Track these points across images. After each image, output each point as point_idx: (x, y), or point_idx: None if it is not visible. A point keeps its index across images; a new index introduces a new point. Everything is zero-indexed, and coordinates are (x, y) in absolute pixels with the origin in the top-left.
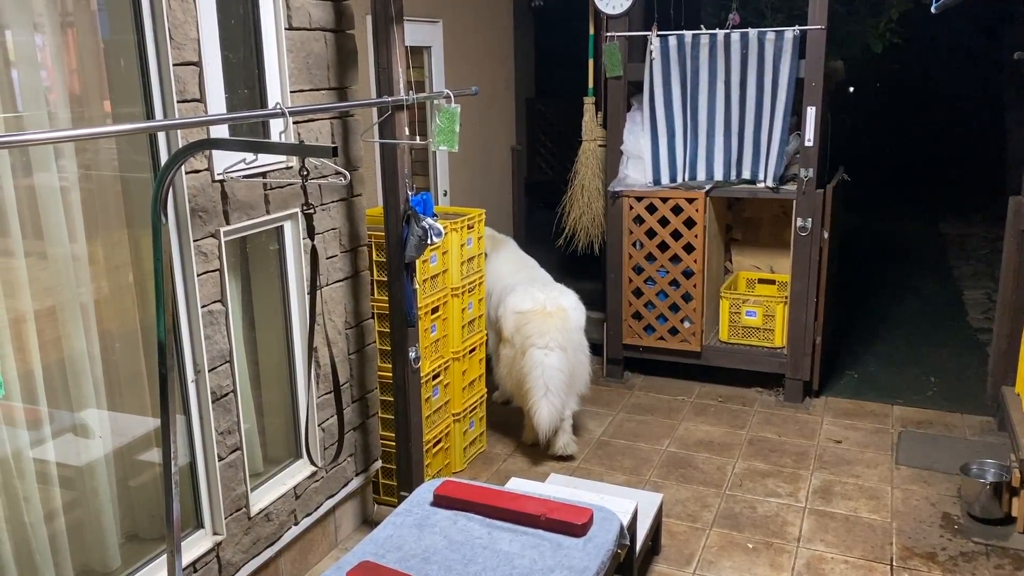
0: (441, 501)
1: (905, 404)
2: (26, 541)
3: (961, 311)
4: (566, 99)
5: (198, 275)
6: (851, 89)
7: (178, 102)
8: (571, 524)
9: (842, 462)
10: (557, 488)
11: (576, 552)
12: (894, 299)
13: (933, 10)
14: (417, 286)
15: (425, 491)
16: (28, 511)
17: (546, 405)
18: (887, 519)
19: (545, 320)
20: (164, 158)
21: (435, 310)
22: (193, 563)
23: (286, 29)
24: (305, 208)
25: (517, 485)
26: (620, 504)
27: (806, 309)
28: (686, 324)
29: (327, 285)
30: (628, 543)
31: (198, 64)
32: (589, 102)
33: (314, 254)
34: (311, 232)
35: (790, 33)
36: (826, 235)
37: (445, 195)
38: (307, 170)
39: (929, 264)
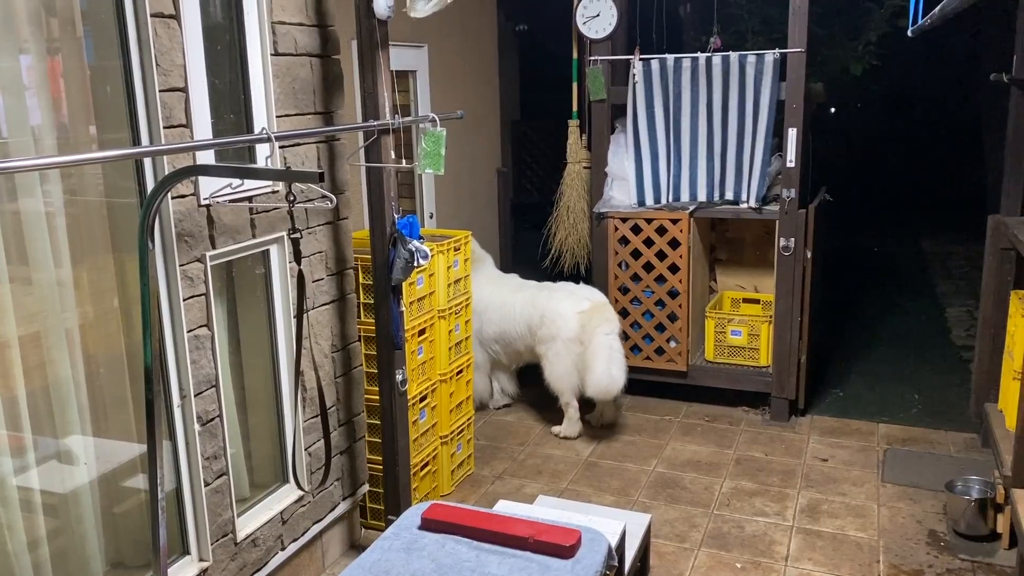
0: (429, 524)
1: (890, 422)
2: (10, 570)
3: (944, 328)
4: (551, 121)
5: (184, 299)
6: (832, 110)
7: (164, 128)
8: (559, 546)
9: (829, 480)
10: (545, 510)
11: (565, 574)
12: (878, 317)
13: (909, 33)
14: (404, 308)
15: (413, 514)
16: (11, 539)
17: (616, 371)
18: (874, 537)
19: (603, 312)
20: (150, 183)
21: (422, 332)
22: None
23: (272, 55)
24: (291, 233)
25: (505, 508)
26: (608, 525)
27: (791, 328)
28: (672, 344)
29: (313, 308)
30: (616, 564)
31: (184, 90)
32: (574, 125)
33: (300, 278)
34: (298, 257)
35: (770, 56)
36: (809, 254)
37: (431, 217)
38: (293, 195)
39: (912, 282)
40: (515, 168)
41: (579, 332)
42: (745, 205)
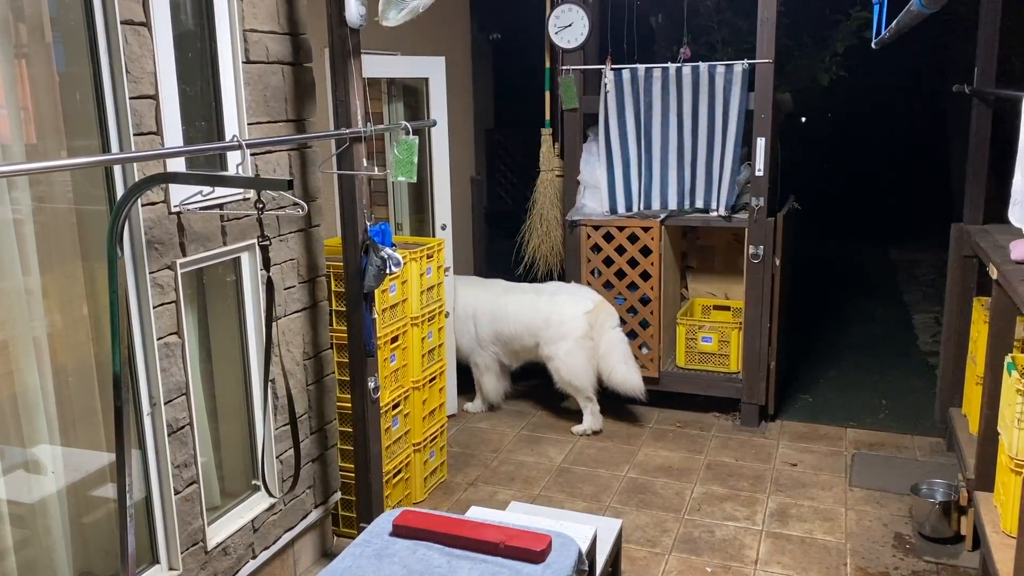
0: (400, 531)
1: (858, 427)
2: None
3: (911, 335)
4: (525, 130)
5: (154, 307)
6: (803, 119)
7: (135, 135)
8: (530, 551)
9: (798, 485)
10: (517, 516)
11: None
12: (846, 324)
13: (873, 45)
14: (376, 316)
15: (384, 521)
16: None
17: (634, 368)
18: (842, 540)
19: (606, 308)
20: (120, 191)
21: (394, 339)
22: None
23: (244, 62)
24: (260, 240)
25: (477, 514)
26: (579, 531)
27: (760, 335)
28: (644, 350)
29: (285, 316)
30: (587, 569)
31: (155, 97)
32: (547, 133)
33: (269, 285)
34: (267, 263)
35: (739, 66)
36: (778, 262)
37: (400, 228)
38: (263, 202)
39: (880, 289)
40: (489, 176)
41: (588, 330)
42: (715, 213)
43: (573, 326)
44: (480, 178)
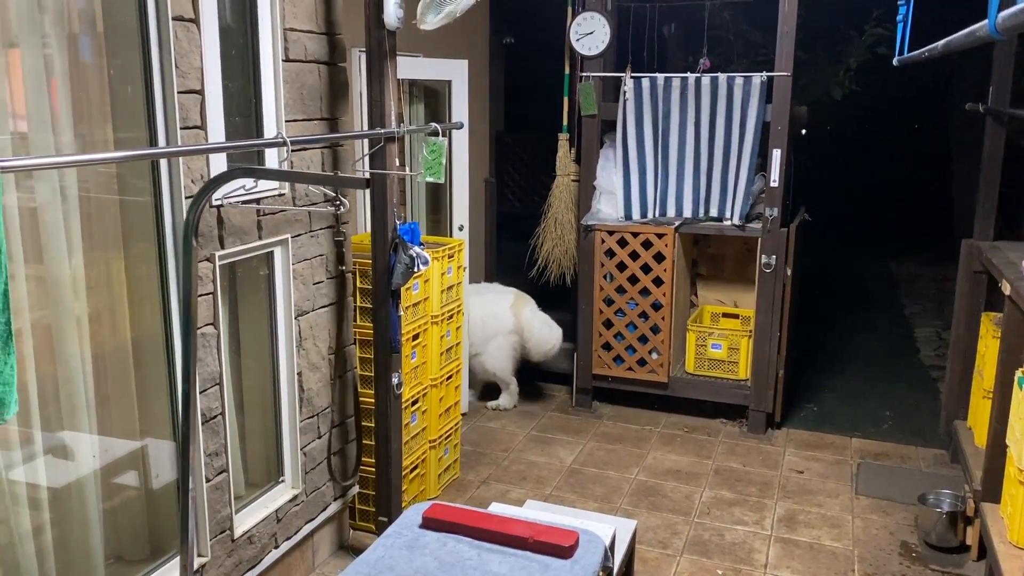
0: (430, 523)
1: (863, 437)
2: (14, 562)
3: (913, 348)
4: (534, 133)
5: (194, 296)
6: (803, 132)
7: (181, 128)
8: (558, 546)
9: (804, 492)
10: (536, 513)
11: (564, 573)
12: (849, 336)
13: (895, 62)
14: (401, 312)
15: (414, 514)
16: (9, 532)
17: (554, 326)
18: (849, 547)
19: (523, 297)
20: (165, 182)
21: (415, 337)
22: None
23: (283, 61)
24: (336, 235)
25: (499, 510)
26: (600, 528)
27: (770, 343)
28: (654, 355)
29: (313, 311)
30: (611, 566)
31: (201, 92)
32: (564, 138)
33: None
34: (340, 258)
35: (758, 79)
36: (789, 272)
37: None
38: (340, 200)
39: (882, 303)
40: (498, 178)
41: (514, 322)
42: (729, 222)
43: (503, 322)
44: (493, 180)
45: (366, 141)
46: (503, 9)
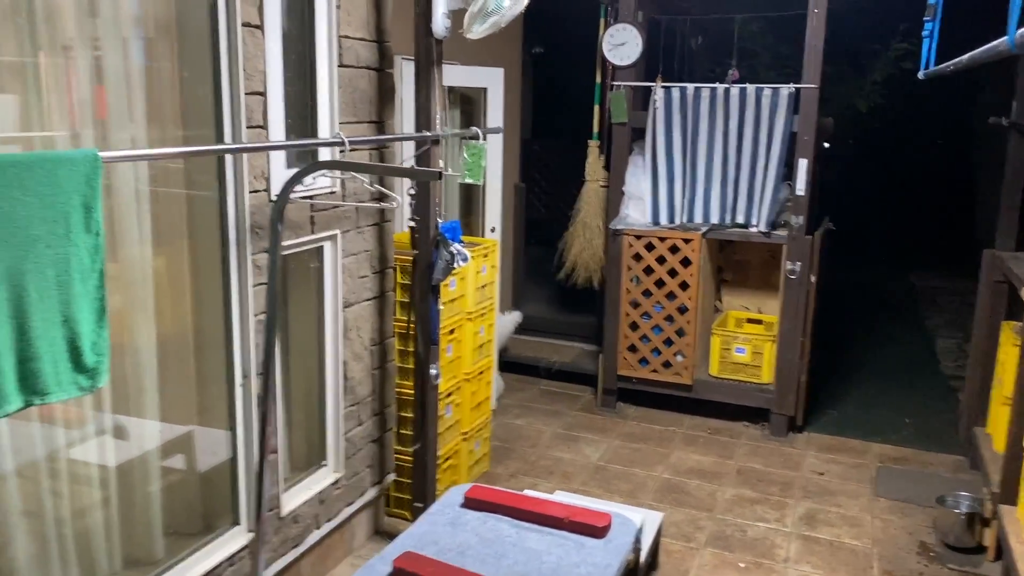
0: (471, 503)
1: (883, 442)
2: (84, 532)
3: (934, 359)
4: (561, 141)
5: (252, 286)
6: (826, 145)
7: (246, 127)
8: (592, 527)
9: (825, 492)
10: (571, 498)
11: (598, 551)
12: (869, 345)
13: (920, 76)
14: (441, 307)
15: (455, 494)
16: (81, 504)
17: None
18: (868, 545)
19: None
20: (230, 178)
21: (451, 332)
22: (229, 558)
23: (338, 66)
24: (412, 219)
25: (533, 495)
26: (631, 514)
27: (793, 348)
28: (679, 358)
29: (357, 303)
30: (641, 548)
31: (263, 94)
32: (594, 145)
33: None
34: (415, 242)
35: (785, 90)
36: (813, 279)
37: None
38: (415, 188)
39: (903, 314)
40: (525, 184)
41: None
42: (755, 229)
43: None
44: (523, 185)
45: (407, 144)
46: (535, 20)
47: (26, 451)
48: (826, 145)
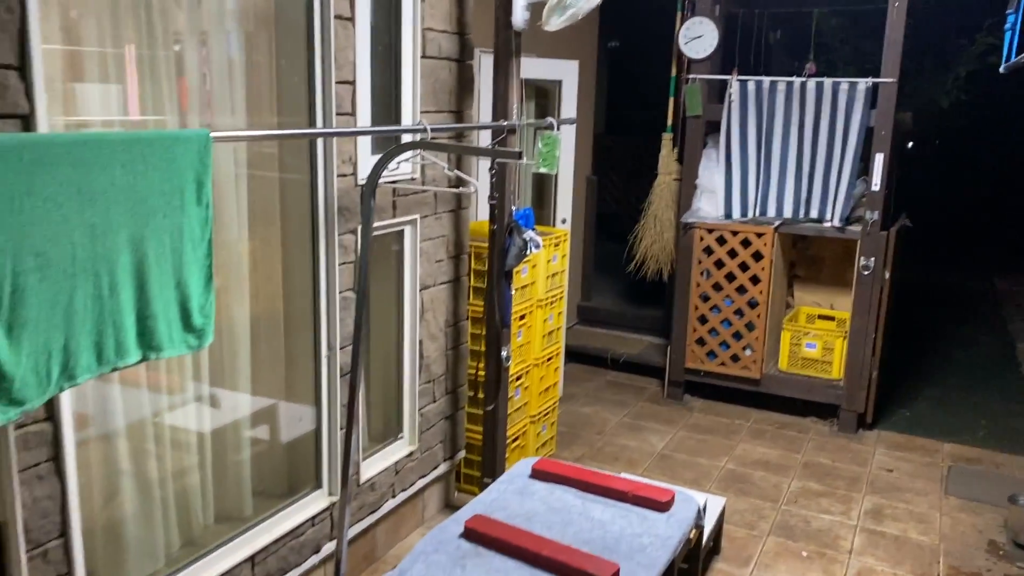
0: (538, 475)
1: (956, 442)
2: (183, 490)
3: (1013, 363)
4: (633, 136)
5: (339, 264)
6: (910, 144)
7: (336, 115)
8: (656, 501)
9: (893, 488)
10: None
11: (661, 524)
12: (947, 347)
13: (1002, 70)
14: (513, 292)
15: (523, 466)
16: (181, 466)
17: None
18: (935, 541)
19: None
20: (321, 162)
21: (522, 317)
22: (312, 518)
23: (421, 57)
24: (490, 199)
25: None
26: (693, 495)
27: (865, 344)
28: (747, 352)
29: (434, 285)
30: (703, 525)
31: (352, 83)
32: (667, 138)
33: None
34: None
35: (863, 84)
36: (887, 275)
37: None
38: (495, 166)
39: (983, 317)
40: (597, 178)
41: None
42: (829, 224)
43: None
44: (595, 178)
45: (483, 134)
46: (611, 14)
47: (133, 414)
48: (910, 145)
